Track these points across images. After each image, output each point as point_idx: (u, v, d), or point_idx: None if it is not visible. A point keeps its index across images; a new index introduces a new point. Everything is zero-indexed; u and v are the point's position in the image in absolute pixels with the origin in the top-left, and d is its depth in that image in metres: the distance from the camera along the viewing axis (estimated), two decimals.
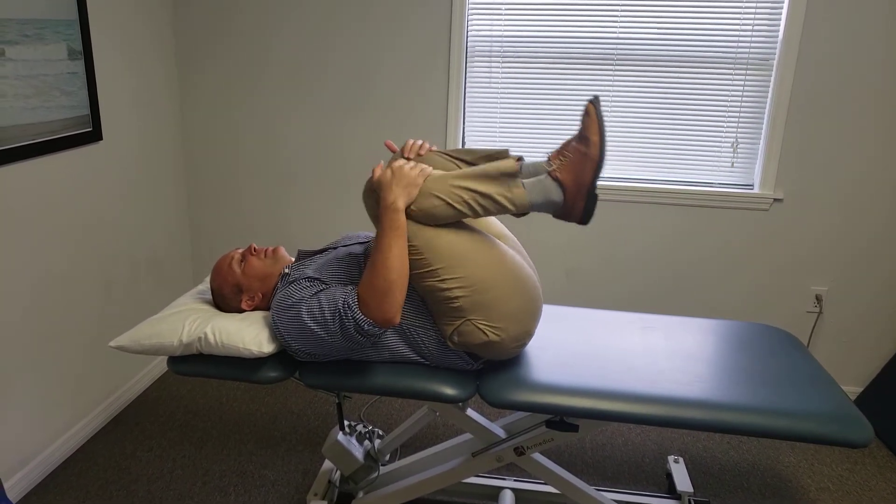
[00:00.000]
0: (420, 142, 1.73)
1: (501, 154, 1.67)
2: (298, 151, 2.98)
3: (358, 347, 1.59)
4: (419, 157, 1.70)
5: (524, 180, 1.59)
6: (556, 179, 1.57)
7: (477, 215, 1.58)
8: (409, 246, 1.56)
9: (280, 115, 2.95)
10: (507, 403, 1.62)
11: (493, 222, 1.81)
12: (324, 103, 2.90)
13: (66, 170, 2.33)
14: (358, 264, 1.69)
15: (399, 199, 1.54)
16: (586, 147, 1.56)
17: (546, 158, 1.63)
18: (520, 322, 1.62)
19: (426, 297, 1.62)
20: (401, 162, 1.59)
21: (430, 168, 1.61)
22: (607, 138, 2.62)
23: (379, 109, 2.87)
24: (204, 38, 2.90)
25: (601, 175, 1.60)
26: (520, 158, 1.63)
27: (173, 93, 2.95)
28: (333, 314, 1.54)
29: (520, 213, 1.60)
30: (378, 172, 1.59)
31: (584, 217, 1.60)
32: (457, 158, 1.73)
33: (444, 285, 1.56)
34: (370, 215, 1.63)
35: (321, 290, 1.60)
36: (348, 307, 1.52)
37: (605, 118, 1.52)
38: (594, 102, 1.57)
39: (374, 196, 1.60)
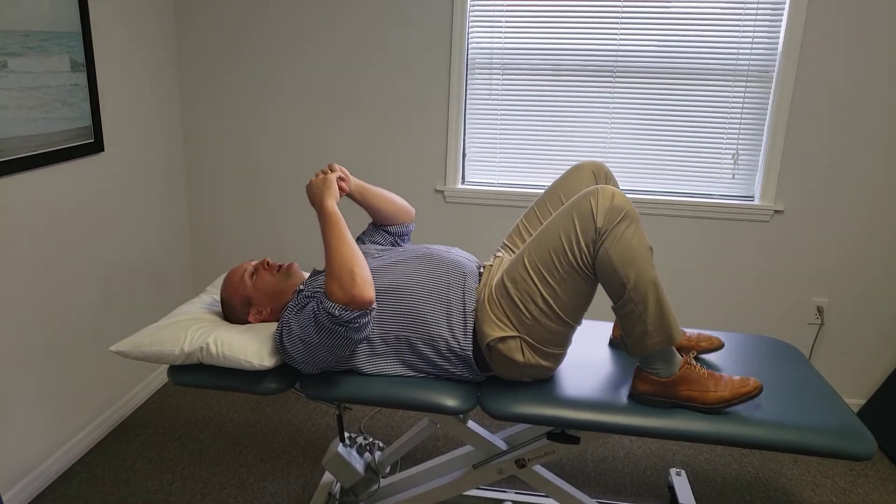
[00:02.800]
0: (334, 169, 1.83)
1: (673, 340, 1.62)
2: (299, 163, 2.99)
3: (344, 344, 1.56)
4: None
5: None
6: (680, 368, 1.59)
7: (615, 311, 1.57)
8: (565, 256, 1.55)
9: (281, 127, 2.96)
10: (508, 415, 1.62)
11: None
12: (324, 114, 2.91)
13: (67, 181, 2.34)
14: None
15: (324, 198, 1.68)
16: (715, 389, 1.57)
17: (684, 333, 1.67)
18: (551, 366, 1.67)
19: (511, 286, 1.62)
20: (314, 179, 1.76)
21: (336, 173, 1.77)
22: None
23: (379, 120, 2.87)
24: (206, 50, 2.92)
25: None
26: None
27: (174, 105, 2.97)
28: (310, 315, 1.56)
29: (627, 351, 1.62)
30: (309, 194, 1.75)
31: (639, 396, 1.62)
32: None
33: (541, 304, 1.58)
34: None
35: (311, 302, 1.62)
36: (319, 302, 1.54)
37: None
38: (761, 388, 1.58)
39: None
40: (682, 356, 1.61)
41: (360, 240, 2.03)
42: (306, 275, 1.91)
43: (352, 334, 1.54)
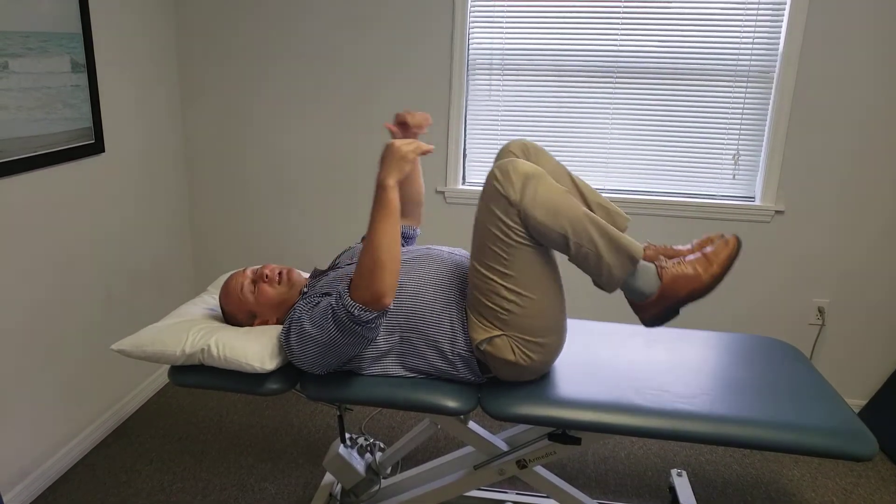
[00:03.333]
0: (416, 113, 1.73)
1: (620, 217, 1.67)
2: (300, 164, 2.99)
3: (357, 343, 1.56)
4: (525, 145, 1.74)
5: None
6: (658, 275, 1.57)
7: (572, 261, 1.58)
8: (501, 240, 1.54)
9: (282, 128, 2.96)
10: (509, 416, 1.61)
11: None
12: (325, 116, 2.91)
13: (68, 182, 2.34)
14: None
15: (390, 175, 1.53)
16: (704, 270, 1.55)
17: (644, 246, 1.63)
18: (547, 358, 1.66)
19: (477, 290, 1.62)
20: (397, 140, 1.58)
21: (428, 145, 1.60)
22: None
23: (381, 121, 2.87)
24: (207, 51, 2.92)
25: None
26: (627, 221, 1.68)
27: (175, 105, 2.97)
28: (326, 310, 1.54)
29: (602, 286, 1.60)
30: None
31: (653, 321, 1.61)
32: (578, 188, 1.73)
33: (506, 294, 1.57)
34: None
35: (321, 302, 1.61)
36: (339, 297, 1.52)
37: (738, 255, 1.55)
38: (739, 241, 1.58)
39: None
40: (655, 265, 1.60)
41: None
42: (305, 275, 1.90)
43: (367, 333, 1.55)
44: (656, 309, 1.59)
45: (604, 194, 2.77)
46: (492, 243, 1.57)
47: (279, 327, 1.74)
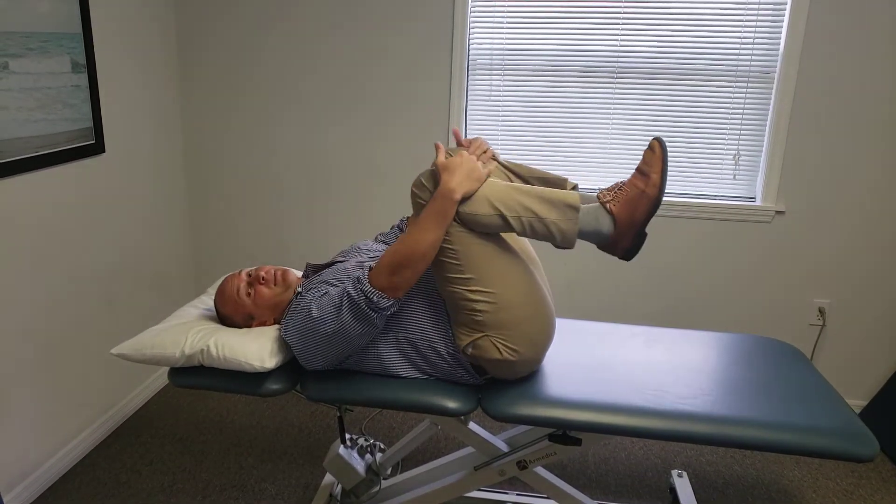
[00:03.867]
0: (487, 145, 1.73)
1: (559, 181, 1.66)
2: (301, 164, 2.99)
3: (367, 333, 1.56)
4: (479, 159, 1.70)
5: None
6: (609, 212, 1.56)
7: (523, 235, 1.57)
8: (448, 248, 1.55)
9: (283, 128, 2.96)
10: (509, 417, 1.61)
11: (525, 243, 1.80)
12: (326, 116, 2.91)
13: (68, 182, 2.34)
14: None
15: (460, 187, 1.52)
16: (645, 184, 1.55)
17: (596, 195, 1.62)
18: (535, 346, 1.63)
19: (449, 303, 1.62)
20: (470, 154, 1.58)
21: (492, 169, 1.59)
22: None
23: (381, 122, 2.87)
24: (207, 51, 2.92)
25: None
26: (575, 187, 1.63)
27: (175, 106, 2.97)
28: (341, 296, 1.54)
29: (562, 245, 1.58)
30: (443, 156, 1.58)
31: (628, 254, 1.59)
32: (511, 171, 1.72)
33: (472, 296, 1.56)
34: (417, 209, 1.60)
35: (328, 291, 1.61)
36: (358, 281, 1.52)
37: (669, 157, 1.50)
38: (661, 142, 1.56)
39: (432, 184, 1.57)
40: (598, 202, 1.59)
41: (381, 240, 2.03)
42: (298, 273, 1.90)
43: (379, 322, 1.55)
44: (623, 241, 1.58)
45: None
46: (442, 255, 1.57)
47: (277, 327, 1.74)
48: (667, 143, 2.70)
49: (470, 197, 1.54)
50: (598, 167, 2.79)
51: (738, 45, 2.57)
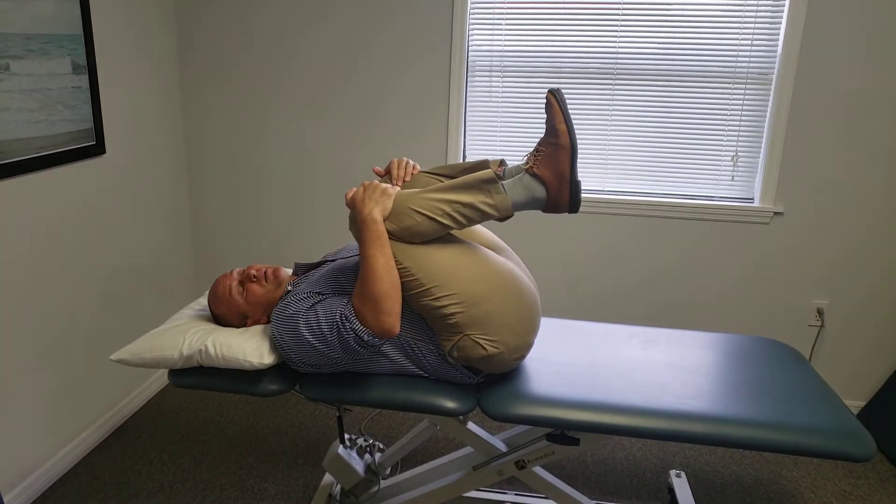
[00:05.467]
0: (406, 161, 1.77)
1: (481, 165, 1.69)
2: (299, 165, 2.99)
3: (358, 358, 1.59)
4: (406, 182, 1.75)
5: (504, 182, 1.59)
6: (534, 176, 1.59)
7: (461, 226, 1.59)
8: (400, 267, 1.57)
9: (281, 130, 2.96)
10: (508, 417, 1.62)
11: (485, 233, 1.81)
12: (325, 117, 2.92)
13: (69, 183, 2.35)
14: (356, 275, 1.69)
15: (374, 210, 1.56)
16: (556, 138, 1.57)
17: (524, 160, 1.65)
18: (517, 334, 1.62)
19: (424, 316, 1.63)
20: (396, 174, 1.64)
21: (396, 187, 1.64)
22: (575, 124, 2.64)
23: (380, 122, 2.88)
24: (207, 52, 2.93)
25: (578, 164, 1.63)
26: (502, 163, 1.65)
27: (176, 107, 2.97)
28: (331, 326, 1.54)
29: (504, 216, 1.60)
30: (350, 194, 1.62)
31: (571, 206, 1.61)
32: (439, 175, 1.74)
33: (439, 303, 1.57)
34: (357, 241, 1.63)
35: (318, 302, 1.61)
36: (346, 319, 1.53)
37: (569, 106, 1.54)
38: (554, 93, 1.58)
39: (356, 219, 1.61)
40: (522, 168, 1.61)
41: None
42: (288, 271, 1.91)
43: (367, 354, 1.58)
44: (562, 197, 1.59)
45: (603, 196, 2.78)
46: (400, 274, 1.58)
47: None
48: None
49: (390, 213, 1.57)
50: (596, 168, 2.80)
51: (736, 47, 2.58)
